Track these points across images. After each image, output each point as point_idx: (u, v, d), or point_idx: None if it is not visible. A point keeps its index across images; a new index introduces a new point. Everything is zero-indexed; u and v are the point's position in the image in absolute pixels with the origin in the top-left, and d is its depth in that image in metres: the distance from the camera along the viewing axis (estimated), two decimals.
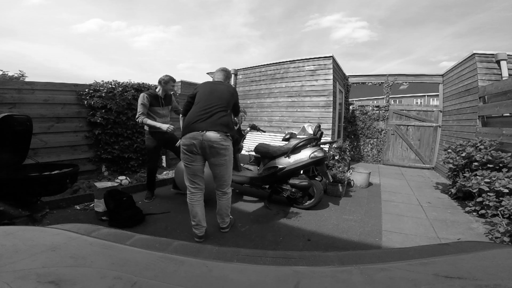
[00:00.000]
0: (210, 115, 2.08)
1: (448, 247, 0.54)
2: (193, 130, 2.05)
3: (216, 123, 2.07)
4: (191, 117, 2.12)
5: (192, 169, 2.13)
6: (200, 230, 2.22)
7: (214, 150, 2.07)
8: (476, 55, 4.30)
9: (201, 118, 2.07)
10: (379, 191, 4.04)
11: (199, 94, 2.23)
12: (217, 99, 2.18)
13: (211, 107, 2.12)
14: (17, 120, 2.07)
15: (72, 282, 0.38)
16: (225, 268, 0.46)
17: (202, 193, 2.25)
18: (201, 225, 2.22)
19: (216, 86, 2.32)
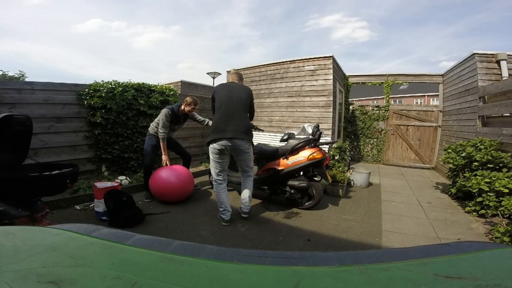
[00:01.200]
0: (234, 122, 2.46)
1: (448, 247, 0.54)
2: (223, 138, 2.44)
3: (241, 131, 2.47)
4: (218, 123, 2.49)
5: (221, 165, 2.56)
6: (227, 214, 2.58)
7: (240, 151, 2.54)
8: (476, 55, 4.30)
9: (228, 126, 2.44)
10: (379, 191, 4.04)
11: (219, 99, 2.55)
12: (237, 102, 2.52)
13: (233, 111, 2.49)
14: (17, 120, 2.06)
15: (72, 282, 0.38)
16: (225, 268, 0.46)
17: (226, 183, 2.68)
18: (228, 210, 2.59)
19: (233, 88, 2.61)
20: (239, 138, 2.46)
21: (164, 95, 4.57)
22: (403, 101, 20.12)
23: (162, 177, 3.03)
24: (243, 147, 2.51)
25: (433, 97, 19.53)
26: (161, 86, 4.68)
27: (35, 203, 2.04)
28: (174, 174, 3.08)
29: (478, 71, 4.23)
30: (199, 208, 3.04)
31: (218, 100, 2.56)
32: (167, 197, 3.07)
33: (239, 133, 2.46)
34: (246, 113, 2.62)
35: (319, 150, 2.93)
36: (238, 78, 2.79)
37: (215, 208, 3.04)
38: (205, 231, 2.43)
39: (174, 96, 4.78)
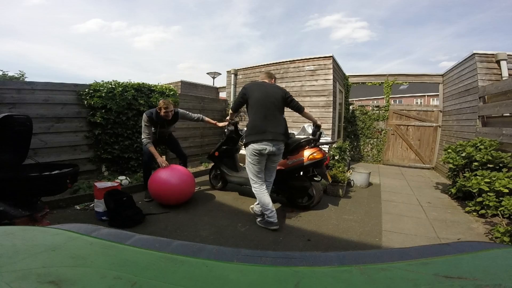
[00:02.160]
0: (274, 123, 2.45)
1: (448, 247, 0.54)
2: (264, 140, 2.41)
3: (280, 133, 2.47)
4: (258, 125, 2.44)
5: (259, 167, 2.52)
6: (275, 217, 2.48)
7: (275, 154, 2.52)
8: (476, 55, 4.30)
9: (268, 127, 2.42)
10: (379, 191, 4.04)
11: (255, 99, 2.48)
12: (274, 103, 2.49)
13: (271, 112, 2.47)
14: (17, 120, 2.06)
15: (72, 282, 0.38)
16: (225, 268, 0.46)
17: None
18: (275, 211, 2.51)
19: (268, 88, 2.56)
20: (279, 140, 2.46)
21: (164, 95, 4.57)
22: (403, 101, 20.13)
23: (162, 179, 2.91)
24: (280, 150, 2.52)
25: (433, 97, 19.54)
26: (161, 86, 4.68)
27: (35, 203, 2.04)
28: (174, 176, 2.96)
29: (478, 71, 4.23)
30: (199, 208, 3.04)
31: (254, 100, 2.48)
32: (167, 200, 2.96)
33: (279, 134, 2.46)
34: (283, 114, 2.60)
35: (319, 150, 2.92)
36: (269, 77, 2.75)
37: (215, 208, 3.04)
38: (205, 231, 2.43)
39: (174, 96, 4.78)
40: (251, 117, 2.49)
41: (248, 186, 3.30)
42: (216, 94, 10.17)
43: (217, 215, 2.83)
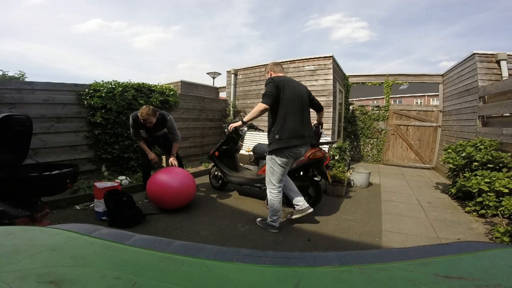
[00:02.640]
0: (306, 127, 2.35)
1: (448, 247, 0.54)
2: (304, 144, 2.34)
3: (311, 136, 2.42)
4: (297, 128, 2.27)
5: (285, 171, 2.40)
6: (278, 222, 2.49)
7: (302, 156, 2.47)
8: (476, 55, 4.30)
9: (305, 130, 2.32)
10: (379, 191, 4.04)
11: (287, 96, 2.25)
12: (304, 103, 2.38)
13: (305, 114, 2.35)
14: (17, 120, 2.06)
15: (72, 282, 0.38)
16: (225, 268, 0.46)
17: None
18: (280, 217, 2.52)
19: (296, 86, 2.40)
20: (309, 144, 2.43)
21: (164, 95, 4.57)
22: (403, 101, 20.11)
23: (161, 182, 2.76)
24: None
25: (433, 97, 19.53)
26: (161, 86, 4.68)
27: (35, 203, 2.04)
28: (174, 179, 2.81)
29: (478, 71, 4.23)
30: (199, 208, 3.04)
31: (287, 98, 2.24)
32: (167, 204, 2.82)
33: (312, 138, 2.42)
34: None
35: (319, 150, 2.92)
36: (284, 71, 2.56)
37: (215, 208, 3.04)
38: (205, 231, 2.43)
39: (174, 96, 4.78)
40: (285, 117, 2.22)
41: (248, 186, 3.31)
42: (216, 94, 10.17)
43: (217, 215, 2.83)
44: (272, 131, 2.29)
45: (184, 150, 5.40)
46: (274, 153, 2.31)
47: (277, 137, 2.23)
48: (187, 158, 5.40)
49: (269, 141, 2.33)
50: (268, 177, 2.43)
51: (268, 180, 2.44)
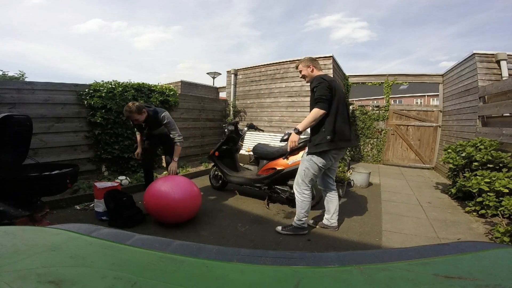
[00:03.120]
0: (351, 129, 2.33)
1: (448, 247, 0.54)
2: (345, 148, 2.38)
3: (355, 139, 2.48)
4: (345, 131, 2.22)
5: (321, 172, 2.36)
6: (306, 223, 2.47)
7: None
8: (476, 55, 4.30)
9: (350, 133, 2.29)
10: (379, 191, 4.04)
11: (338, 98, 2.17)
12: (346, 103, 2.32)
13: (348, 116, 2.32)
14: (17, 120, 2.06)
15: (72, 282, 0.38)
16: (225, 268, 0.46)
17: None
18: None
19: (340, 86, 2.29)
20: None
21: (164, 95, 4.57)
22: (403, 101, 20.13)
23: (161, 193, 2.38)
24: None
25: (433, 97, 19.54)
26: (161, 86, 4.69)
27: (35, 203, 2.04)
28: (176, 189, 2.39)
29: (478, 71, 4.23)
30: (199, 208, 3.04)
31: (337, 100, 2.16)
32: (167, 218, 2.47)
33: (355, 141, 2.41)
34: None
35: None
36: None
37: (215, 208, 3.04)
38: (205, 231, 2.43)
39: (174, 96, 4.78)
40: (336, 118, 2.14)
41: (248, 186, 3.31)
42: (216, 94, 10.16)
43: (217, 215, 2.83)
44: (321, 131, 2.16)
45: (184, 150, 5.39)
46: (318, 154, 2.20)
47: (328, 138, 2.12)
48: (187, 158, 5.40)
49: (315, 141, 2.20)
50: (301, 178, 2.32)
51: (300, 181, 2.33)
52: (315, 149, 2.20)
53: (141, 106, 2.71)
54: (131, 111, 2.62)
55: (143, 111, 2.71)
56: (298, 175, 2.36)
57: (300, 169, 2.35)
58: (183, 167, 4.67)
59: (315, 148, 2.19)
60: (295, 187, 2.40)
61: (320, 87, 2.10)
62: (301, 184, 2.34)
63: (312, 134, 2.26)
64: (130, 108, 2.62)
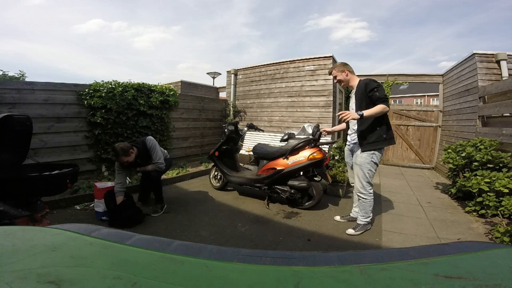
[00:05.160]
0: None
1: (448, 247, 0.54)
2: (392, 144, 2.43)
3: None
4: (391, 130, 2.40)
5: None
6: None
7: None
8: (476, 55, 4.30)
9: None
10: (379, 191, 4.04)
11: None
12: None
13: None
14: (17, 120, 2.06)
15: (72, 282, 0.38)
16: (225, 268, 0.46)
17: None
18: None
19: None
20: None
21: (164, 95, 4.57)
22: (403, 101, 20.13)
23: None
24: None
25: (433, 97, 19.54)
26: (161, 86, 4.69)
27: (35, 203, 2.03)
28: None
29: (478, 71, 4.23)
30: (199, 208, 3.04)
31: None
32: None
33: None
34: None
35: (319, 150, 2.92)
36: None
37: (215, 208, 3.04)
38: (205, 231, 2.43)
39: (174, 96, 4.78)
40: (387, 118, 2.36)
41: (248, 186, 3.31)
42: (216, 94, 10.16)
43: (217, 215, 2.83)
44: (377, 130, 2.29)
45: (184, 150, 5.40)
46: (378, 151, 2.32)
47: (385, 136, 2.30)
48: (187, 158, 5.40)
49: (371, 139, 2.30)
50: (365, 181, 2.37)
51: (365, 184, 2.38)
52: (373, 146, 2.30)
53: (126, 147, 2.53)
54: (118, 155, 2.48)
55: (130, 152, 2.55)
56: (361, 179, 2.38)
57: (362, 172, 2.36)
58: (183, 167, 4.67)
59: (373, 145, 2.30)
60: (360, 191, 2.42)
61: (381, 88, 2.25)
62: (366, 186, 2.39)
63: (365, 132, 2.32)
64: (117, 152, 2.47)
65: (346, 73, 2.44)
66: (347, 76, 2.44)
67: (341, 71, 2.45)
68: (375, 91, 2.23)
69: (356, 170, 2.41)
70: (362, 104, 2.29)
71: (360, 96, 2.32)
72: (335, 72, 2.48)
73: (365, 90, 2.26)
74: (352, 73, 2.47)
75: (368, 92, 2.25)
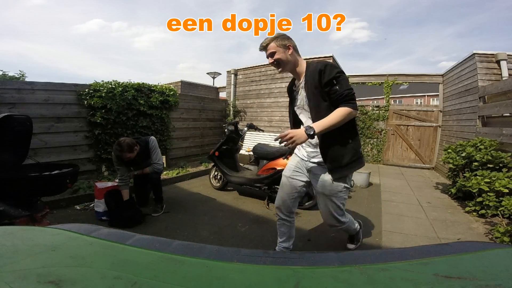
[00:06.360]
0: None
1: (448, 247, 0.54)
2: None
3: None
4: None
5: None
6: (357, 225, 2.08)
7: None
8: (476, 55, 4.30)
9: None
10: (379, 191, 4.04)
11: None
12: None
13: None
14: (17, 120, 2.06)
15: (72, 282, 0.38)
16: (225, 268, 0.46)
17: None
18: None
19: None
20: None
21: (164, 95, 4.58)
22: (403, 101, 20.13)
23: None
24: None
25: (433, 97, 19.54)
26: (161, 86, 4.69)
27: (35, 203, 2.04)
28: None
29: (478, 71, 4.23)
30: (199, 208, 3.04)
31: None
32: None
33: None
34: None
35: None
36: None
37: (215, 208, 3.04)
38: (205, 231, 2.43)
39: (174, 96, 4.79)
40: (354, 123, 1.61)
41: (248, 186, 3.31)
42: (216, 94, 10.16)
43: (217, 215, 2.83)
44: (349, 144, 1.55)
45: (184, 150, 5.40)
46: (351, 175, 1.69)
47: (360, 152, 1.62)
48: (187, 158, 5.40)
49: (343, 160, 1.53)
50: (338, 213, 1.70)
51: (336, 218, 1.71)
52: (348, 170, 1.57)
53: (132, 144, 2.52)
54: (122, 150, 2.45)
55: (134, 148, 2.54)
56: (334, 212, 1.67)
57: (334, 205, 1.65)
58: (183, 167, 4.67)
59: (349, 169, 1.57)
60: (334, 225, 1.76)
61: (344, 78, 1.44)
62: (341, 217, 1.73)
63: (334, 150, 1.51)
64: (122, 147, 2.45)
65: (291, 50, 1.55)
66: (292, 55, 1.55)
67: (284, 46, 1.53)
68: (335, 83, 1.41)
69: (325, 202, 1.65)
70: (321, 105, 1.46)
71: (314, 92, 1.47)
72: (273, 46, 1.52)
73: (319, 82, 1.43)
74: (298, 53, 1.62)
75: (324, 85, 1.42)
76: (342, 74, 1.45)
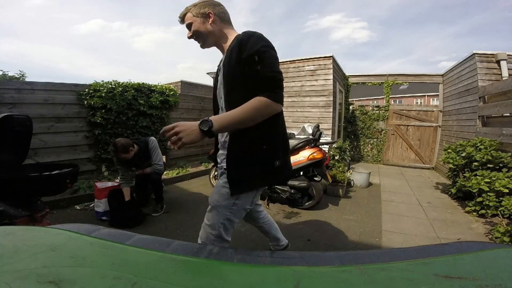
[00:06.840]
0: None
1: (448, 247, 0.54)
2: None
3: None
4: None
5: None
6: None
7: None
8: (476, 55, 4.30)
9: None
10: (379, 191, 4.04)
11: None
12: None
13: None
14: (17, 120, 2.06)
15: (72, 282, 0.38)
16: (225, 268, 0.46)
17: None
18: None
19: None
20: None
21: (164, 95, 4.58)
22: (403, 101, 20.11)
23: None
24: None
25: (433, 97, 19.53)
26: (161, 86, 4.69)
27: (35, 203, 2.03)
28: None
29: (478, 71, 4.23)
30: (199, 208, 3.04)
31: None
32: None
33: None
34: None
35: (319, 150, 2.93)
36: None
37: None
38: None
39: (174, 96, 4.79)
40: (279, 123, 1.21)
41: None
42: None
43: None
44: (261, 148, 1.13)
45: (184, 150, 5.40)
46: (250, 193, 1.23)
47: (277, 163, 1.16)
48: (187, 158, 5.40)
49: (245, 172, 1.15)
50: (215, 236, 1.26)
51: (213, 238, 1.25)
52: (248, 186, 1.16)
53: (127, 145, 2.48)
54: (117, 150, 2.43)
55: (130, 149, 2.51)
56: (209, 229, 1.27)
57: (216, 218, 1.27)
58: (183, 167, 4.67)
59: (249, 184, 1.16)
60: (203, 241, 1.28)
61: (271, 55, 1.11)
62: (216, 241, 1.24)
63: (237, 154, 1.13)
64: (116, 148, 2.42)
65: (212, 18, 1.16)
66: (213, 24, 1.17)
67: (203, 14, 1.16)
68: (257, 61, 1.03)
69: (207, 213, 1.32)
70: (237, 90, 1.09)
71: (230, 72, 1.10)
72: (190, 17, 1.18)
73: (237, 58, 1.06)
74: (227, 23, 1.22)
75: (244, 62, 1.04)
76: (270, 50, 1.09)
